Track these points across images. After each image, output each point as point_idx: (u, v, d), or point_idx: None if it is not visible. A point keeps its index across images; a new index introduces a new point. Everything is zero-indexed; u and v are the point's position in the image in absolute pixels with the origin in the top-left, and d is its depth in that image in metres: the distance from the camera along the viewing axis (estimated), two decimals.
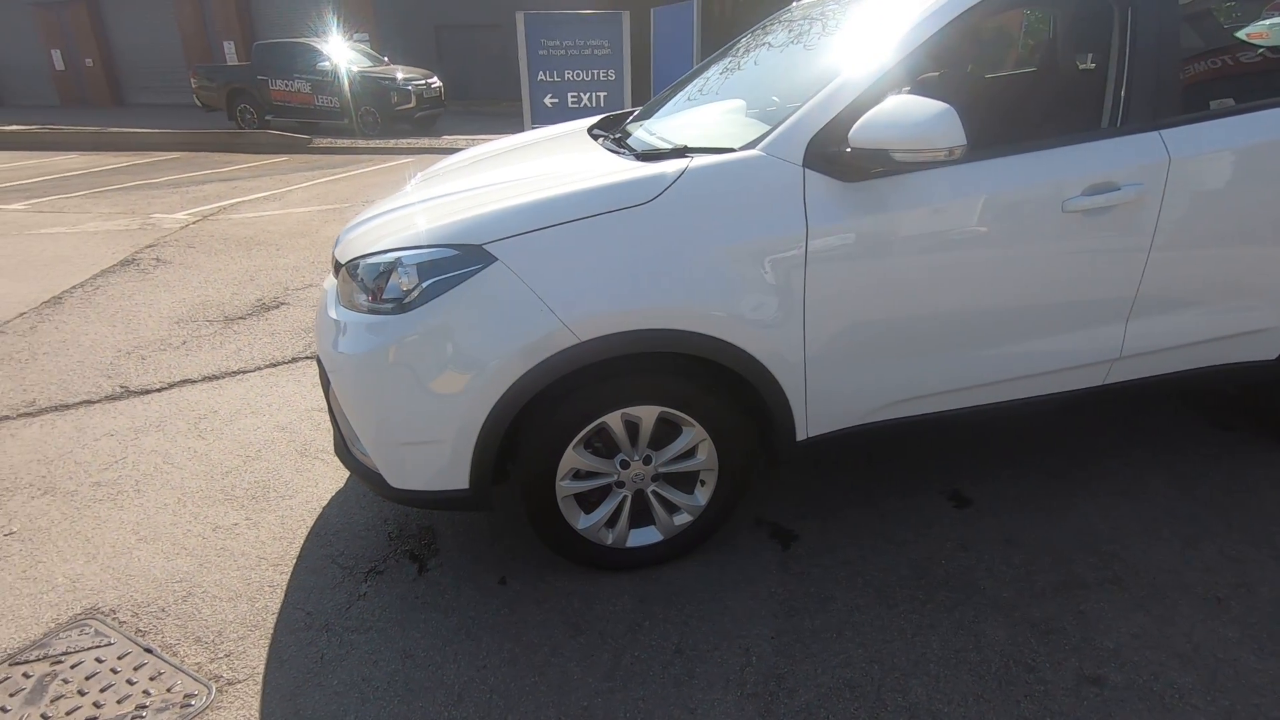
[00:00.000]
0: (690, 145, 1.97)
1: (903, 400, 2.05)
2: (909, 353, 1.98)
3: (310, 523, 2.33)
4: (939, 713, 1.60)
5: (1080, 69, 2.88)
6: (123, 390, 3.27)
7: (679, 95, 2.72)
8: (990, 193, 1.89)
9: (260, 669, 1.77)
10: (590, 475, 1.93)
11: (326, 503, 2.43)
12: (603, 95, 7.97)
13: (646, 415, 1.86)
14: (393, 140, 11.43)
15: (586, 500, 1.98)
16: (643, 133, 2.42)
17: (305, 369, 3.47)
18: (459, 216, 1.78)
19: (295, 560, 2.15)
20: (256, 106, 12.98)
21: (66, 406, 3.13)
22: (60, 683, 1.73)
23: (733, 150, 1.84)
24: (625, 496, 1.97)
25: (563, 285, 1.70)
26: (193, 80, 13.55)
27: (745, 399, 1.96)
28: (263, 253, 5.45)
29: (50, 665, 1.78)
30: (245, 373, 3.44)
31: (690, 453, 1.96)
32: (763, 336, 1.81)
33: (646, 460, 1.94)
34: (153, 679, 1.74)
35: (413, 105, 12.32)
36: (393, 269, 1.78)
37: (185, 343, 3.80)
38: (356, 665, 1.77)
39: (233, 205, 7.15)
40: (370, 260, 1.83)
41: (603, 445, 1.92)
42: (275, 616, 1.93)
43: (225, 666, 1.77)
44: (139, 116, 16.40)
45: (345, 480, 2.55)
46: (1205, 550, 2.07)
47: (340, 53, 12.63)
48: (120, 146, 11.86)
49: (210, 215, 6.71)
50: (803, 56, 2.28)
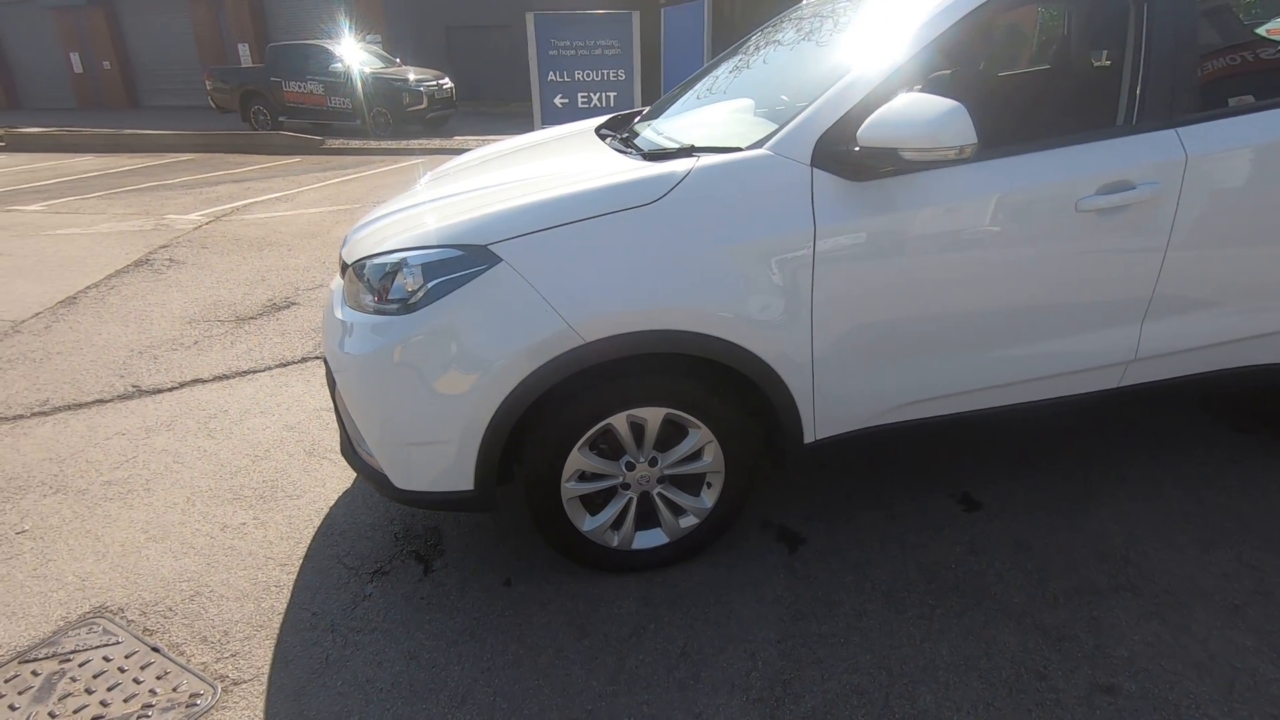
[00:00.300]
0: (697, 145, 1.95)
1: (912, 402, 2.02)
2: (918, 354, 1.95)
3: (317, 523, 2.33)
4: None
5: (1095, 66, 2.85)
6: (134, 389, 3.30)
7: (687, 95, 2.71)
8: (1002, 192, 1.86)
9: (265, 669, 1.77)
10: (595, 477, 1.91)
11: (333, 503, 2.44)
12: (613, 95, 7.96)
13: (652, 417, 1.84)
14: (404, 141, 11.49)
15: (592, 502, 1.97)
16: (650, 132, 2.40)
17: (314, 369, 3.48)
18: (464, 217, 1.78)
19: (302, 560, 2.15)
20: (270, 108, 13.08)
21: (79, 405, 3.16)
22: (68, 681, 1.74)
23: (740, 150, 1.83)
24: (631, 498, 1.96)
25: (568, 286, 1.69)
26: (207, 82, 13.67)
27: (752, 401, 1.94)
28: (274, 253, 5.48)
29: (59, 663, 1.79)
30: (255, 372, 3.46)
31: (696, 455, 1.94)
32: (770, 338, 1.80)
33: (652, 462, 1.92)
34: (159, 678, 1.74)
35: (424, 106, 12.37)
36: (398, 269, 1.78)
37: (197, 342, 3.83)
38: (361, 666, 1.77)
39: (245, 206, 7.21)
40: (376, 260, 1.83)
41: (608, 447, 1.90)
42: (281, 616, 1.94)
43: (231, 666, 1.78)
44: (154, 118, 16.58)
45: (352, 480, 2.55)
46: (1222, 556, 2.03)
47: (352, 54, 12.71)
48: (136, 148, 12.00)
49: (223, 216, 6.76)
50: (812, 54, 2.26)
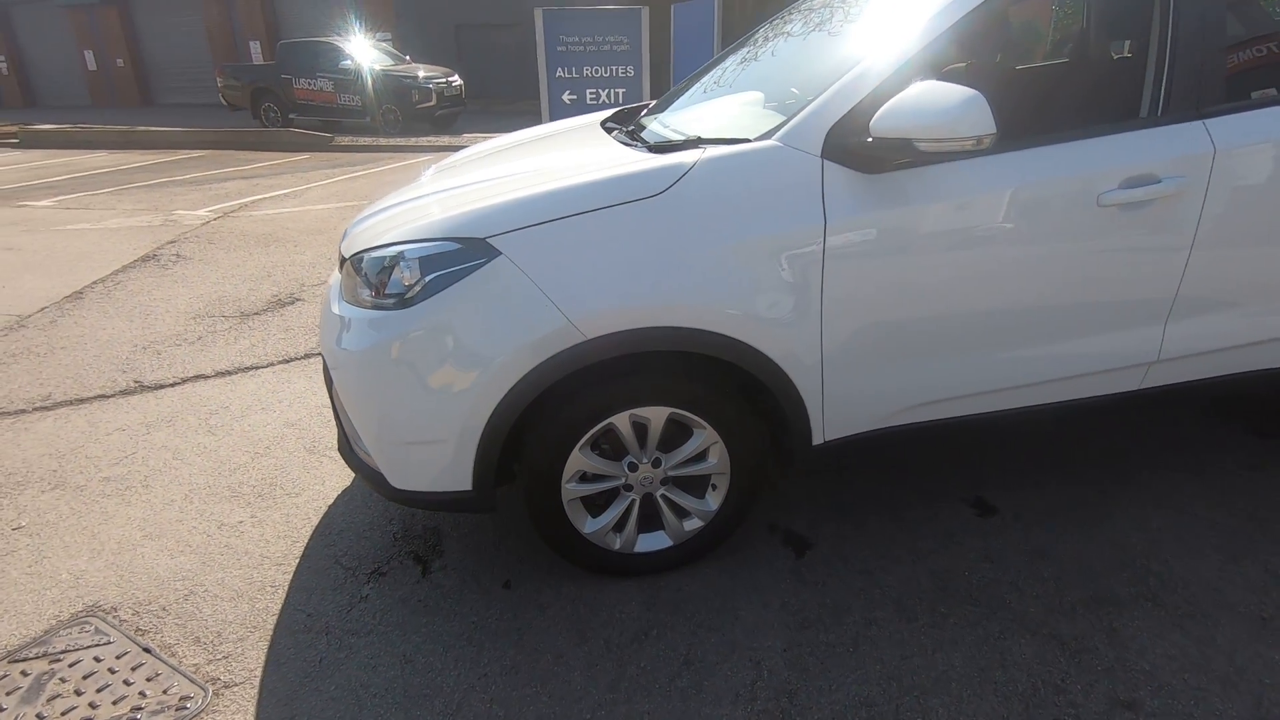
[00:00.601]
0: (704, 137, 1.89)
1: (924, 404, 1.96)
2: (931, 354, 1.89)
3: (315, 521, 2.29)
4: None
5: (1115, 58, 2.76)
6: (136, 385, 3.28)
7: (695, 88, 2.65)
8: (1020, 185, 1.79)
9: (258, 672, 1.73)
10: (597, 478, 1.86)
11: (332, 501, 2.40)
12: (621, 92, 7.90)
13: (655, 416, 1.79)
14: (413, 139, 11.48)
15: (593, 504, 1.92)
16: (657, 125, 2.35)
17: (317, 365, 3.45)
18: (463, 209, 1.73)
19: (298, 560, 2.11)
20: (280, 105, 13.11)
21: (81, 401, 3.14)
22: (58, 681, 1.71)
23: (748, 141, 1.77)
24: (633, 500, 1.90)
25: (569, 280, 1.63)
26: (218, 79, 13.73)
27: (759, 400, 1.88)
28: (280, 249, 5.47)
29: (49, 663, 1.76)
30: (258, 368, 3.43)
31: (701, 455, 1.88)
32: (777, 336, 1.74)
33: (655, 463, 1.87)
34: (149, 680, 1.71)
35: (433, 104, 12.36)
36: (396, 263, 1.73)
37: (201, 338, 3.80)
38: (355, 670, 1.72)
39: (253, 202, 7.21)
40: (374, 254, 1.79)
41: (610, 447, 1.85)
42: (275, 617, 1.90)
43: (223, 668, 1.74)
44: (167, 116, 16.68)
45: (352, 479, 2.51)
46: (1248, 566, 1.96)
47: (362, 52, 12.72)
48: (147, 145, 12.06)
49: (231, 212, 6.76)
50: (823, 46, 2.19)
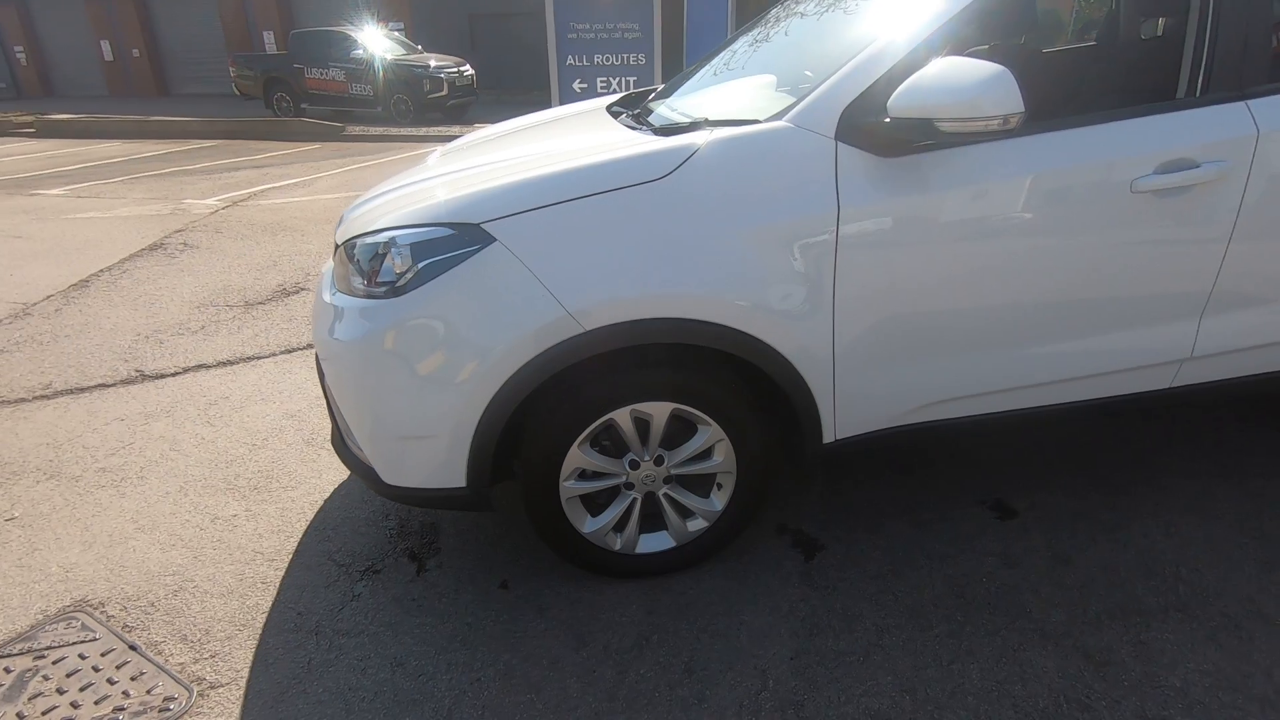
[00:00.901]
0: (712, 119, 1.80)
1: (942, 401, 1.86)
2: (951, 349, 1.79)
3: (311, 516, 2.23)
4: None
5: (1147, 39, 2.63)
6: (137, 374, 3.24)
7: (704, 71, 2.55)
8: (1047, 170, 1.68)
9: (244, 672, 1.67)
10: (597, 476, 1.78)
11: (329, 495, 2.34)
12: (633, 80, 7.78)
13: (658, 412, 1.71)
14: (424, 128, 11.42)
15: (593, 502, 1.84)
16: (664, 109, 2.26)
17: None
18: (457, 193, 1.65)
19: (291, 556, 2.06)
20: (293, 95, 13.10)
21: (81, 390, 3.11)
22: (40, 679, 1.66)
23: (757, 122, 1.67)
24: (635, 499, 1.83)
25: (567, 269, 1.55)
26: (231, 69, 13.73)
27: (767, 396, 1.80)
28: (288, 238, 5.42)
29: (33, 660, 1.71)
30: (260, 358, 3.38)
31: (706, 453, 1.80)
32: (787, 329, 1.65)
33: (658, 461, 1.79)
34: (134, 679, 1.65)
35: (445, 93, 12.29)
36: (388, 249, 1.66)
37: (204, 327, 3.76)
38: (344, 672, 1.66)
39: (262, 191, 7.18)
40: (366, 240, 1.71)
41: (611, 444, 1.77)
42: (265, 615, 1.84)
43: (209, 668, 1.68)
44: (182, 105, 16.73)
45: (349, 473, 2.45)
46: None
47: (374, 41, 12.66)
48: (161, 135, 12.09)
49: (240, 201, 6.73)
50: (838, 25, 2.08)
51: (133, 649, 1.74)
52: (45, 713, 1.57)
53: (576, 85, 7.71)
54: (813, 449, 1.81)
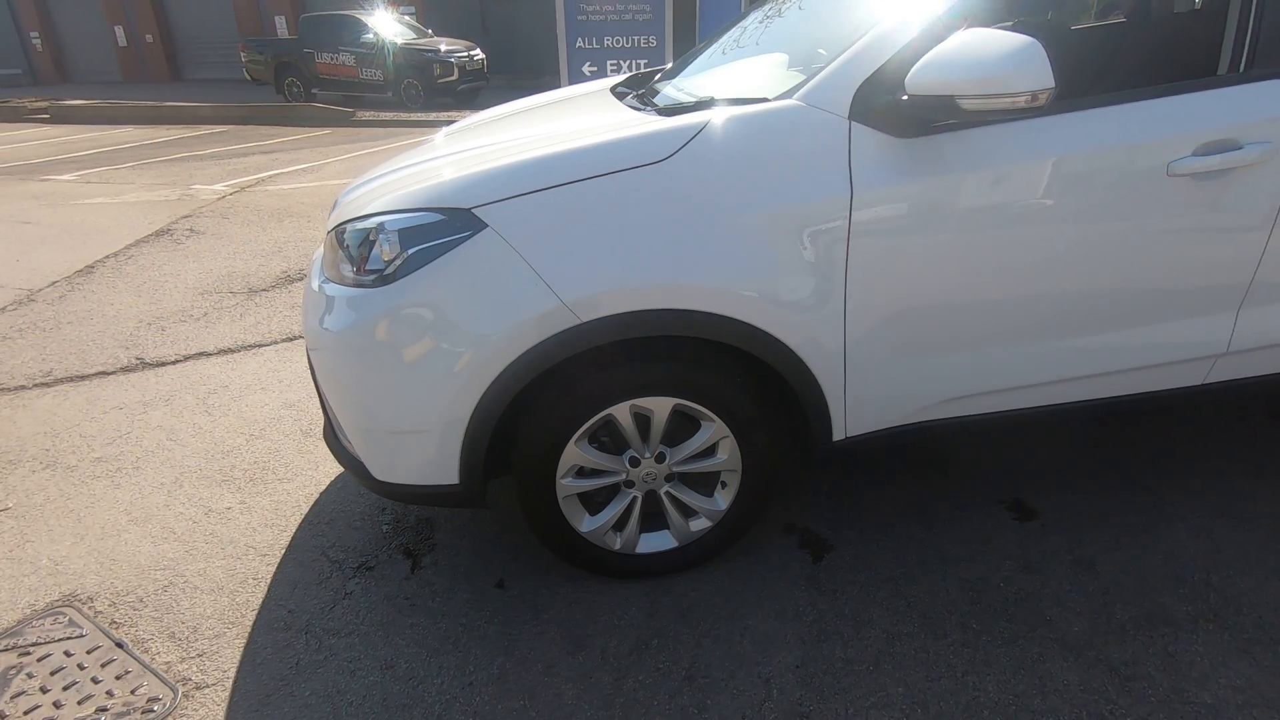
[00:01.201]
0: (718, 98, 1.70)
1: (960, 397, 1.76)
2: (970, 343, 1.69)
3: (305, 509, 2.18)
4: None
5: (1179, 14, 2.49)
6: (138, 362, 3.20)
7: (714, 49, 2.44)
8: (1077, 152, 1.57)
9: (231, 672, 1.62)
10: (595, 473, 1.71)
11: (325, 488, 2.29)
12: (643, 63, 7.62)
13: (659, 408, 1.63)
14: (434, 113, 11.32)
15: (591, 500, 1.77)
16: (671, 89, 2.15)
17: None
18: (448, 177, 1.57)
19: (284, 551, 2.00)
20: (303, 80, 13.02)
21: (81, 377, 3.08)
22: (25, 677, 1.62)
23: (766, 101, 1.57)
24: (635, 497, 1.75)
25: (562, 257, 1.47)
26: (242, 54, 13.67)
27: (775, 391, 1.71)
28: (293, 224, 5.38)
29: (18, 656, 1.67)
30: (261, 346, 3.34)
31: (710, 451, 1.72)
32: (795, 320, 1.56)
33: (660, 458, 1.71)
34: (119, 678, 1.61)
35: (455, 78, 12.17)
36: (377, 236, 1.58)
37: (206, 314, 3.72)
38: (332, 674, 1.61)
39: (270, 177, 7.13)
40: (356, 226, 1.64)
41: (610, 440, 1.70)
42: (255, 613, 1.79)
43: (195, 668, 1.64)
44: (194, 91, 16.73)
45: None
46: None
47: (384, 25, 12.54)
48: (173, 120, 12.08)
49: (247, 187, 6.70)
50: (854, 1, 1.97)
51: (119, 646, 1.70)
52: (27, 712, 1.53)
53: (586, 68, 7.57)
54: (822, 447, 1.73)
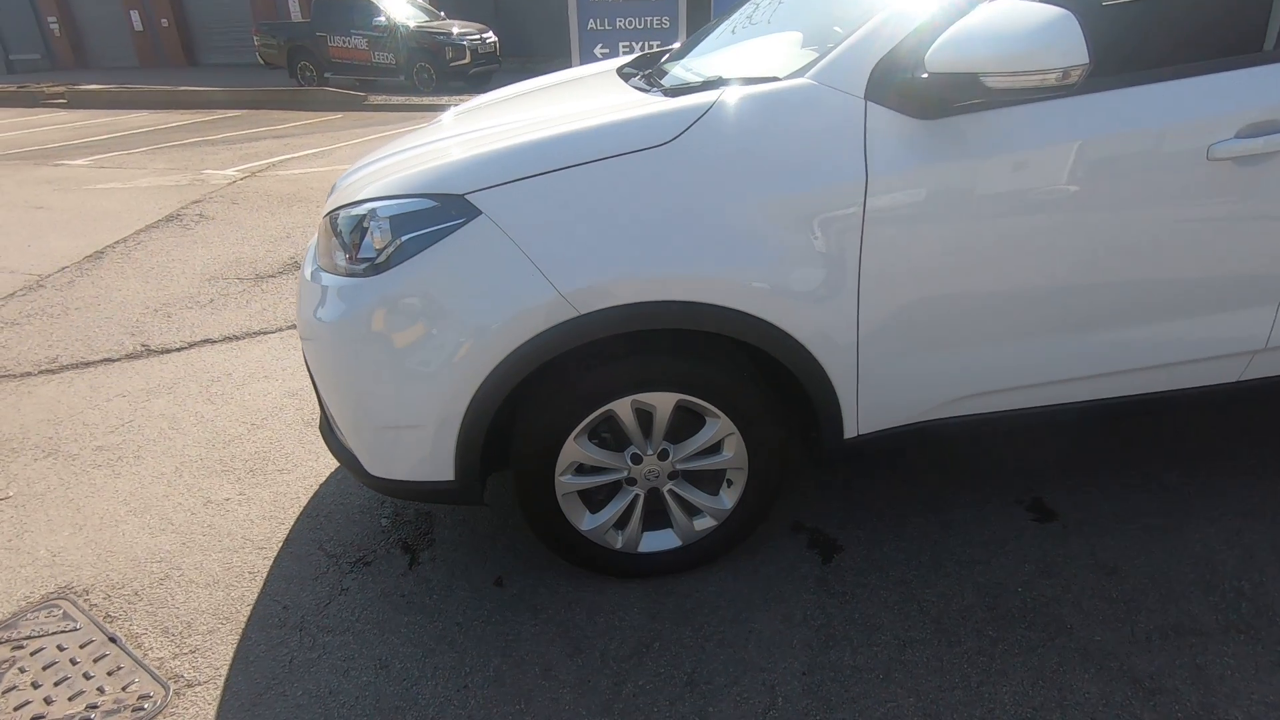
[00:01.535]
0: (726, 78, 1.62)
1: (979, 394, 1.68)
2: (990, 337, 1.60)
3: (304, 501, 2.15)
4: None
5: None
6: (143, 349, 3.18)
7: (724, 27, 2.34)
8: (1109, 134, 1.48)
9: (223, 670, 1.59)
10: (596, 470, 1.65)
11: (324, 479, 2.25)
12: (656, 44, 7.48)
13: (661, 403, 1.56)
14: (446, 97, 11.22)
15: (592, 498, 1.71)
16: (679, 69, 2.07)
17: None
18: (442, 161, 1.50)
19: (281, 544, 1.97)
20: (316, 63, 12.96)
21: (86, 364, 3.06)
22: (16, 671, 1.60)
23: (776, 80, 1.49)
24: (637, 495, 1.69)
25: (559, 246, 1.40)
26: (255, 38, 13.62)
27: (783, 386, 1.64)
28: (302, 209, 5.34)
29: (11, 650, 1.65)
30: (266, 333, 3.30)
31: (715, 448, 1.65)
32: (805, 313, 1.48)
33: (663, 455, 1.65)
34: (110, 674, 1.58)
35: (467, 61, 12.05)
36: (370, 222, 1.52)
37: (212, 300, 3.70)
38: (326, 673, 1.57)
39: (281, 162, 7.10)
40: (349, 212, 1.58)
41: (611, 436, 1.63)
42: (250, 608, 1.76)
43: (187, 664, 1.61)
44: (209, 75, 16.73)
45: None
46: None
47: (396, 8, 12.43)
48: (187, 105, 12.09)
49: (258, 171, 6.67)
50: None
51: (112, 641, 1.67)
52: (17, 708, 1.51)
53: (598, 50, 7.45)
54: (833, 445, 1.65)
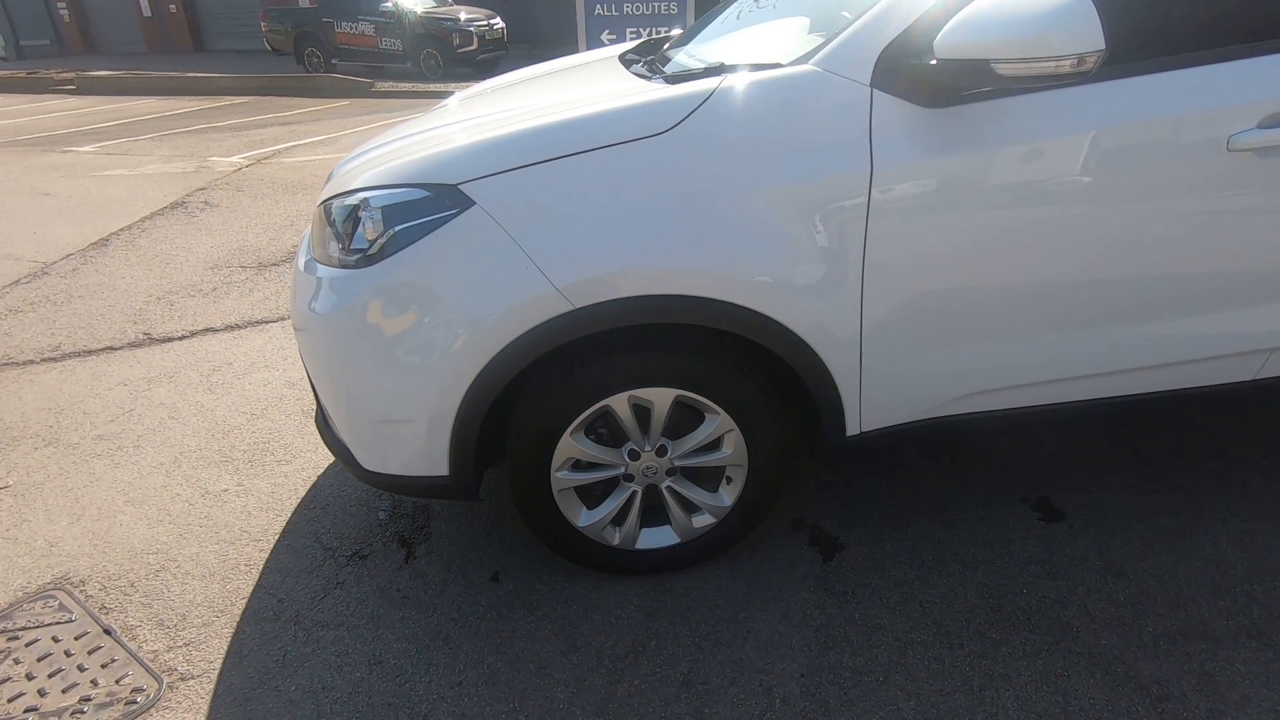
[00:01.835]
0: (728, 64, 1.57)
1: (985, 391, 1.64)
2: (998, 333, 1.56)
3: (302, 493, 2.13)
4: None
5: None
6: (145, 337, 3.18)
7: (729, 12, 2.29)
8: (1124, 124, 1.42)
9: (217, 664, 1.58)
10: (592, 466, 1.62)
11: (323, 471, 2.23)
12: (664, 30, 7.40)
13: (659, 399, 1.53)
14: (453, 84, 11.15)
15: (589, 494, 1.68)
16: (682, 56, 2.02)
17: None
18: (434, 151, 1.46)
19: (278, 536, 1.96)
20: (323, 50, 12.91)
21: (89, 353, 3.06)
22: (11, 663, 1.59)
23: (779, 66, 1.44)
24: (634, 492, 1.66)
25: (554, 237, 1.36)
26: (262, 24, 13.58)
27: (785, 382, 1.60)
28: (307, 197, 5.32)
29: (6, 641, 1.65)
30: (268, 322, 3.29)
31: (714, 444, 1.62)
32: (806, 307, 1.44)
33: (661, 451, 1.62)
34: (104, 666, 1.58)
35: (474, 47, 11.97)
36: (362, 212, 1.49)
37: (215, 289, 3.69)
38: (319, 669, 1.56)
39: (287, 149, 7.08)
40: (343, 201, 1.55)
41: (608, 431, 1.61)
42: (245, 601, 1.75)
43: (181, 658, 1.60)
44: (217, 61, 16.72)
45: None
46: None
47: None
48: (195, 91, 12.07)
49: (264, 159, 6.65)
50: None
51: (107, 633, 1.66)
52: (11, 699, 1.51)
53: (605, 36, 7.35)
54: (834, 442, 1.62)
